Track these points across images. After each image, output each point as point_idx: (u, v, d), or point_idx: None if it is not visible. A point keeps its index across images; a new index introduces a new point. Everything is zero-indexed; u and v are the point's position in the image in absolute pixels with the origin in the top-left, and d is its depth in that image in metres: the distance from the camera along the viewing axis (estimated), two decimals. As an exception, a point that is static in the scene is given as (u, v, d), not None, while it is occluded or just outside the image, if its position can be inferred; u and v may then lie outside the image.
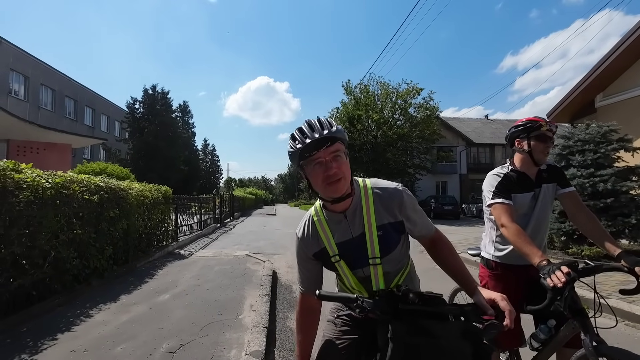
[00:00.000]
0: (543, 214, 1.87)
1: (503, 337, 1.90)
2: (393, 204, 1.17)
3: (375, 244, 1.15)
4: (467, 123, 31.35)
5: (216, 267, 5.77)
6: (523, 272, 1.87)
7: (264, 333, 2.92)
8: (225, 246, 8.69)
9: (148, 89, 30.17)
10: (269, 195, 73.91)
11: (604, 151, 6.24)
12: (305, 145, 1.04)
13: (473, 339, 0.96)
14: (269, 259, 6.48)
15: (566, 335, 1.63)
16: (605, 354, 1.40)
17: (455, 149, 28.15)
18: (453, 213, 19.74)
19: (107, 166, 11.59)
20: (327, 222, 1.21)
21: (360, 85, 21.49)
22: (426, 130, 20.08)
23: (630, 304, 3.51)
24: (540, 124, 1.79)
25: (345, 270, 1.20)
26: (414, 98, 20.62)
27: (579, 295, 1.59)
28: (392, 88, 20.92)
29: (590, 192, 6.04)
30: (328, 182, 1.05)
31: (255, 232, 12.64)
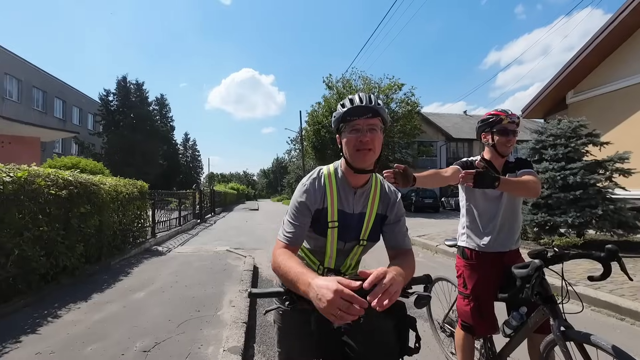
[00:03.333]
0: (511, 203, 1.93)
1: (477, 325, 1.95)
2: (390, 200, 1.29)
3: (370, 227, 1.26)
4: (446, 118, 32.00)
5: (195, 264, 5.65)
6: (498, 259, 1.92)
7: (243, 328, 2.88)
8: (206, 242, 8.52)
9: (121, 79, 28.96)
10: (252, 190, 73.20)
11: (574, 145, 6.50)
12: (348, 109, 1.13)
13: (396, 314, 1.02)
14: (250, 254, 6.40)
15: (536, 321, 1.68)
16: (573, 338, 1.45)
17: (435, 144, 28.72)
18: (433, 206, 20.24)
19: (80, 161, 11.06)
20: (337, 186, 1.25)
21: (343, 79, 21.48)
22: (407, 125, 20.37)
23: (596, 290, 3.69)
24: (502, 117, 1.88)
25: (334, 239, 1.24)
26: (396, 93, 20.84)
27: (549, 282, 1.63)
28: (374, 83, 21.03)
29: (561, 184, 6.29)
30: (358, 149, 1.12)
31: (236, 227, 12.48)
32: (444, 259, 6.42)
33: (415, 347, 1.10)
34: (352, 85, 21.02)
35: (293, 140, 32.09)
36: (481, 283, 1.93)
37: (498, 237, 1.94)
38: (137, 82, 29.87)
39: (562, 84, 9.69)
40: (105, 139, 27.50)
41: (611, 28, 8.13)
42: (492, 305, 1.95)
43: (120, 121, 27.63)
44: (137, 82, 29.90)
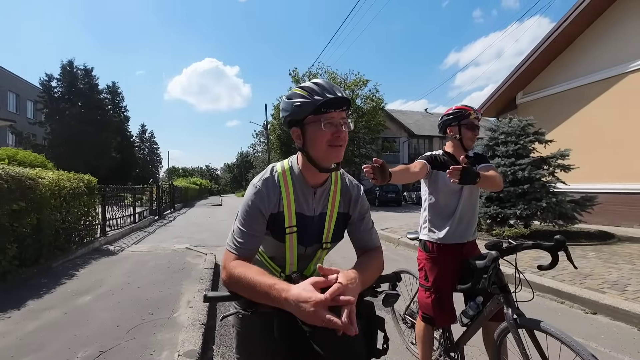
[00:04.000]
0: (471, 197, 1.99)
1: (438, 316, 1.99)
2: (352, 196, 1.18)
3: (332, 229, 1.15)
4: (409, 115, 33.12)
5: (151, 263, 5.30)
6: (457, 251, 1.96)
7: (201, 330, 2.73)
8: (163, 240, 8.07)
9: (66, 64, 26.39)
10: (215, 185, 70.89)
11: (523, 143, 6.99)
12: (327, 100, 0.97)
13: (364, 315, 0.97)
14: (211, 251, 6.14)
15: (491, 310, 1.74)
16: (524, 325, 1.51)
17: (398, 140, 29.65)
18: (395, 200, 20.93)
19: (17, 152, 9.91)
20: (294, 187, 1.10)
21: (309, 73, 21.34)
22: (372, 121, 20.77)
23: (540, 277, 3.99)
24: (470, 112, 1.93)
25: (293, 245, 1.11)
26: (361, 89, 21.12)
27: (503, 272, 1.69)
28: (340, 78, 21.14)
29: (511, 179, 6.74)
30: (333, 145, 1.01)
31: (198, 223, 11.97)
32: (405, 251, 6.62)
33: (384, 349, 1.05)
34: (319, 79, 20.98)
35: (259, 133, 31.42)
36: (442, 275, 1.97)
37: (458, 230, 1.98)
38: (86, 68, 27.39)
39: (512, 86, 10.37)
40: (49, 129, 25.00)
41: (555, 35, 8.82)
42: (451, 297, 1.99)
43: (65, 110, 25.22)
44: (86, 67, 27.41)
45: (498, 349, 1.76)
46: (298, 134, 1.06)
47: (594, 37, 8.51)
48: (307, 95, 1.00)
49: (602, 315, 3.23)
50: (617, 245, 5.93)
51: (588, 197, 6.84)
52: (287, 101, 1.05)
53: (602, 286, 3.72)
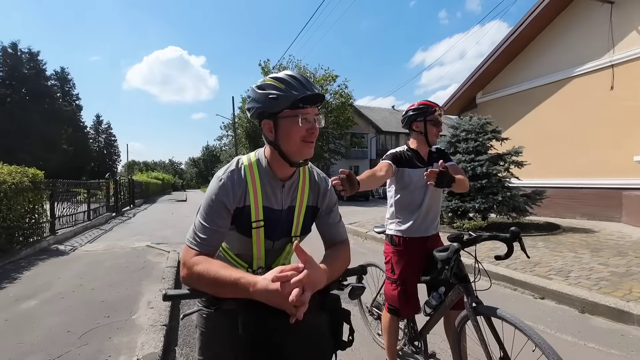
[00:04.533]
0: (435, 192, 2.05)
1: (403, 307, 2.04)
2: (320, 189, 1.18)
3: (301, 222, 1.15)
4: (377, 112, 33.81)
5: (107, 263, 4.97)
6: (422, 244, 2.02)
7: (162, 332, 2.60)
8: (122, 238, 7.60)
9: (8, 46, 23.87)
10: (179, 180, 68.05)
11: (482, 140, 7.39)
12: (305, 95, 0.96)
13: (330, 308, 0.98)
14: (174, 249, 5.88)
15: (453, 299, 1.81)
16: (482, 312, 1.59)
17: (366, 135, 30.19)
18: (363, 195, 21.33)
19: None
20: (262, 181, 1.07)
21: (279, 66, 21.01)
22: (341, 117, 20.94)
23: (496, 266, 4.25)
24: (435, 108, 1.97)
25: (260, 240, 1.08)
26: (330, 84, 21.18)
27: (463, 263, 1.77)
28: (309, 72, 21.04)
29: (471, 174, 7.11)
30: (306, 141, 1.01)
31: (160, 220, 11.42)
32: (372, 244, 6.77)
33: (349, 340, 1.06)
34: (287, 73, 20.74)
35: (226, 126, 30.50)
36: (407, 267, 2.02)
37: (423, 224, 2.04)
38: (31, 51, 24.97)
39: (472, 86, 10.92)
40: (-14, 117, 22.54)
41: (510, 40, 9.37)
42: (416, 288, 2.06)
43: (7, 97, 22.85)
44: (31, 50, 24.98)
45: (458, 336, 1.84)
46: (270, 127, 1.03)
47: (545, 43, 9.16)
48: (284, 89, 0.97)
49: (549, 300, 3.51)
50: (562, 235, 6.48)
51: (538, 191, 7.39)
52: (260, 92, 1.00)
53: (549, 273, 4.05)
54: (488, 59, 10.10)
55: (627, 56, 7.32)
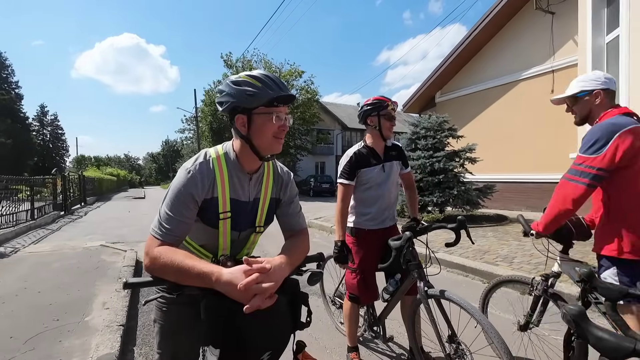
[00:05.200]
0: (392, 188, 2.18)
1: (363, 295, 2.15)
2: (283, 181, 1.24)
3: (265, 213, 1.20)
4: (342, 109, 34.25)
5: (55, 264, 4.63)
6: (380, 235, 2.13)
7: (119, 332, 2.50)
8: (73, 237, 7.08)
9: None
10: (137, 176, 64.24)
11: (439, 137, 7.81)
12: (281, 95, 1.04)
13: (289, 291, 1.03)
14: (132, 247, 5.61)
15: (408, 285, 1.95)
16: (432, 295, 1.74)
17: (332, 132, 30.49)
18: (329, 190, 21.61)
19: None
20: (229, 173, 1.11)
21: (243, 59, 20.53)
22: (307, 113, 20.95)
23: (450, 255, 4.57)
24: (387, 103, 2.04)
25: (226, 230, 1.13)
26: (296, 80, 21.08)
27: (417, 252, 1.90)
28: (275, 67, 20.78)
29: (430, 170, 7.50)
30: (277, 137, 1.07)
31: (116, 218, 10.77)
32: (337, 238, 6.92)
33: (307, 321, 1.13)
34: (253, 66, 20.31)
35: (188, 120, 29.22)
36: (366, 257, 2.13)
37: (380, 216, 2.16)
38: (-43, 31, 22.07)
39: (432, 86, 11.46)
40: None
41: (467, 43, 9.94)
42: (374, 276, 2.18)
43: None
44: (-43, 30, 22.08)
45: (413, 319, 1.99)
46: (243, 122, 1.07)
47: (496, 47, 9.83)
48: (260, 87, 1.02)
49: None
50: (509, 226, 7.07)
51: (489, 186, 7.98)
52: (236, 87, 1.04)
53: (496, 260, 4.42)
54: (446, 61, 10.65)
55: (566, 63, 8.09)
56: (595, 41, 6.74)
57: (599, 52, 6.72)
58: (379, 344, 2.49)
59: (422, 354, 2.07)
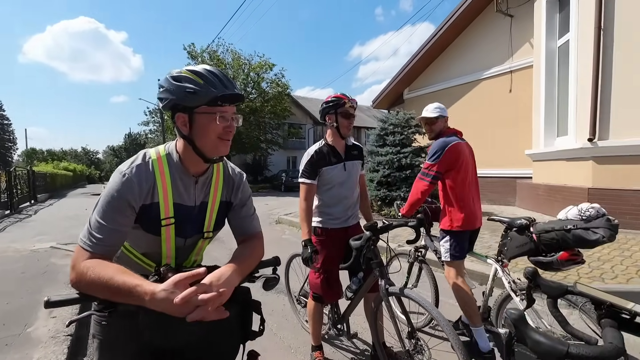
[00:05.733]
0: (355, 185, 2.17)
1: (326, 294, 2.14)
2: (234, 183, 1.17)
3: (214, 217, 1.13)
4: (314, 103, 34.11)
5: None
6: (343, 234, 2.12)
7: (65, 343, 2.32)
8: (18, 239, 6.50)
9: None
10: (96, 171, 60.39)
11: (407, 134, 8.00)
12: (225, 94, 0.96)
13: (239, 301, 0.99)
14: (86, 249, 5.24)
15: (370, 283, 1.95)
16: (393, 293, 1.76)
17: (304, 126, 30.36)
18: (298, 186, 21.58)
19: None
20: (172, 176, 1.02)
21: (210, 50, 19.77)
22: (278, 107, 20.67)
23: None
24: (345, 101, 2.02)
25: (170, 237, 1.04)
26: (267, 73, 20.68)
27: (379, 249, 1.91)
28: (244, 59, 20.24)
29: (397, 165, 7.68)
30: (222, 138, 1.00)
31: (71, 217, 10.02)
32: (307, 234, 6.91)
33: (260, 330, 1.08)
34: (220, 58, 19.64)
35: (151, 112, 27.73)
36: (329, 257, 2.12)
37: (344, 216, 2.15)
38: None
39: (400, 82, 11.69)
40: None
41: (433, 41, 10.21)
42: (338, 275, 2.17)
43: None
44: None
45: (375, 315, 2.01)
46: (185, 121, 0.99)
47: (460, 47, 10.19)
48: (202, 84, 0.94)
49: (472, 281, 4.00)
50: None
51: (452, 181, 8.31)
52: (176, 84, 0.96)
53: (457, 252, 4.60)
54: (414, 58, 10.88)
55: (523, 64, 8.55)
56: (549, 44, 7.17)
57: (552, 54, 7.16)
58: (344, 341, 2.51)
59: (384, 350, 2.11)
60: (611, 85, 5.26)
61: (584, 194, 5.44)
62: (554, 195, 6.37)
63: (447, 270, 2.30)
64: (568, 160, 6.13)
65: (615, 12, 5.20)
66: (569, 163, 6.10)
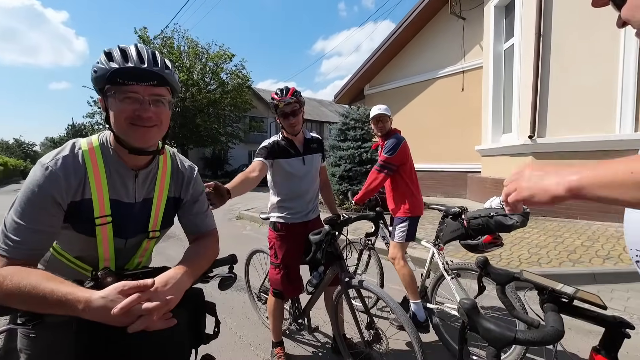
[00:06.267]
0: (315, 178, 2.16)
1: (286, 290, 2.11)
2: (184, 178, 1.09)
3: (160, 215, 1.04)
4: (276, 96, 33.57)
5: None
6: (303, 228, 2.09)
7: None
8: None
9: None
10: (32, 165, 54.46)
11: (367, 129, 8.17)
12: (123, 68, 0.83)
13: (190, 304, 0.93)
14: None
15: (330, 277, 1.96)
16: (353, 285, 1.78)
17: (266, 120, 29.79)
18: (263, 180, 21.14)
19: None
20: (108, 170, 0.91)
21: (163, 36, 18.56)
22: (238, 99, 20.03)
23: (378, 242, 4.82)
24: (277, 103, 1.93)
25: (107, 238, 0.93)
26: (226, 63, 19.92)
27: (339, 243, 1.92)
28: (201, 47, 19.29)
29: (358, 160, 7.83)
30: (134, 124, 0.86)
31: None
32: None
33: (215, 333, 1.03)
34: (174, 45, 18.53)
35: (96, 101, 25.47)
36: (289, 252, 2.09)
37: (305, 209, 2.13)
38: None
39: (361, 78, 11.88)
40: None
41: (392, 39, 10.49)
42: (298, 270, 2.15)
43: None
44: None
45: (336, 308, 2.03)
46: (103, 105, 0.90)
47: (417, 46, 10.58)
48: (104, 61, 0.84)
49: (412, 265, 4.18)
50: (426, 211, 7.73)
51: (410, 175, 8.67)
52: (94, 64, 0.87)
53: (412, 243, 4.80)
54: (374, 55, 11.11)
55: (474, 65, 9.09)
56: (496, 48, 7.69)
57: (499, 57, 7.70)
58: (305, 335, 2.51)
59: (345, 341, 2.14)
60: (548, 88, 5.78)
61: (525, 187, 5.95)
62: (499, 187, 6.83)
63: (395, 251, 2.56)
64: (512, 155, 6.67)
65: (553, 20, 5.70)
66: (513, 158, 6.63)
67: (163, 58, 0.92)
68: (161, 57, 0.91)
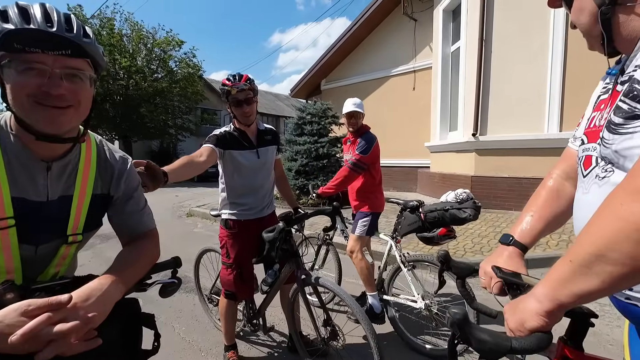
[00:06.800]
0: (270, 172, 2.06)
1: (239, 291, 2.00)
2: (114, 172, 0.94)
3: (83, 216, 0.88)
4: (230, 88, 32.32)
5: None
6: (258, 225, 1.98)
7: None
8: None
9: None
10: None
11: (324, 124, 8.18)
12: (21, 29, 0.65)
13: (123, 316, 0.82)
14: None
15: (286, 274, 1.89)
16: (309, 283, 1.73)
17: (219, 112, 28.54)
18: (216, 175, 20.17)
19: None
20: (7, 161, 0.73)
21: (101, 16, 16.80)
22: (188, 89, 18.89)
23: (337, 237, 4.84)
24: (229, 89, 1.80)
25: (9, 245, 0.76)
26: (175, 50, 18.65)
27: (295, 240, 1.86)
28: (146, 32, 17.82)
29: (315, 155, 7.81)
30: (41, 102, 0.69)
31: None
32: (222, 226, 6.54)
33: (155, 347, 0.90)
34: (115, 27, 16.89)
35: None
36: (243, 251, 1.97)
37: (259, 205, 2.01)
38: None
39: (318, 73, 11.86)
40: None
41: (347, 36, 10.59)
42: (252, 269, 2.05)
43: None
44: None
45: (292, 306, 1.97)
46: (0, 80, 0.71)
47: (372, 44, 10.81)
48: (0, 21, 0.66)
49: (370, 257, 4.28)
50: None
51: (365, 170, 8.87)
52: None
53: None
54: (330, 51, 11.14)
55: (424, 65, 9.53)
56: (444, 49, 8.12)
57: (447, 59, 8.14)
58: (260, 335, 2.42)
59: (302, 338, 2.10)
60: (489, 89, 6.24)
61: (469, 181, 6.39)
62: (446, 182, 7.34)
63: (354, 244, 2.57)
64: (457, 152, 7.12)
65: (494, 26, 6.15)
66: (458, 154, 7.09)
67: (82, 24, 0.75)
68: (79, 22, 0.74)
